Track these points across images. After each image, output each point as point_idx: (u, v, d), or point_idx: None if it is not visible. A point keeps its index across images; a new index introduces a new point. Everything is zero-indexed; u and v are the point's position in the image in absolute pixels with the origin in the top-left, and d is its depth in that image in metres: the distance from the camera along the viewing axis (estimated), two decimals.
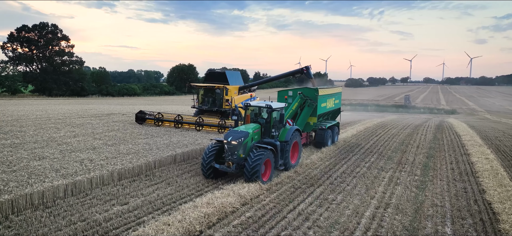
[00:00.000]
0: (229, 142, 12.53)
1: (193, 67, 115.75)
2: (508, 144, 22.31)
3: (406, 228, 9.57)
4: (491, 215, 10.58)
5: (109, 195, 11.13)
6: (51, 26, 76.33)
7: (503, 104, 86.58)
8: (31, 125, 21.23)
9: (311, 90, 19.43)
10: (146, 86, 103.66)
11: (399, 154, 18.88)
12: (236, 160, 12.58)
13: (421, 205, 11.29)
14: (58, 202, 10.34)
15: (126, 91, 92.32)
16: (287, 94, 19.58)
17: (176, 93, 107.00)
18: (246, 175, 12.18)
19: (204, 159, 12.95)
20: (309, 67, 24.01)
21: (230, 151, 12.61)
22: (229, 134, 12.84)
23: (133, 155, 14.65)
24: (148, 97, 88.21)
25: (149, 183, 12.50)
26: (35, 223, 8.93)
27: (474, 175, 14.88)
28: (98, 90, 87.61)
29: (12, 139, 16.80)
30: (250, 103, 14.81)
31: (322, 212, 10.55)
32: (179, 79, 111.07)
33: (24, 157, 13.54)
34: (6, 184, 10.36)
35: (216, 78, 25.76)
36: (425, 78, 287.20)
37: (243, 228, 9.27)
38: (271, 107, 13.98)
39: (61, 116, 26.18)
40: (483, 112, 65.56)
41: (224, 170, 12.75)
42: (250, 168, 12.06)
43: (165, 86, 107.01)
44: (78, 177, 11.36)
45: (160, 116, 23.88)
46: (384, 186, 13.29)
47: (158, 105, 48.89)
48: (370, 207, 11.01)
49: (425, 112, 65.99)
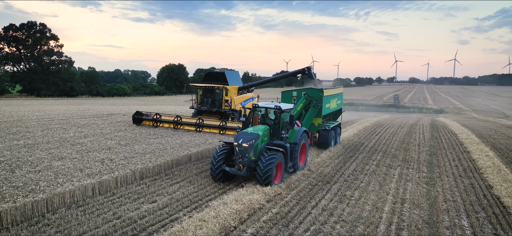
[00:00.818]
0: (240, 144, 12.21)
1: (183, 67, 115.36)
2: (503, 142, 23.24)
3: (426, 222, 10.10)
4: (502, 208, 11.21)
5: (135, 194, 11.37)
6: (40, 25, 75.12)
7: (488, 103, 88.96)
8: (36, 125, 21.14)
9: (316, 90, 19.50)
10: (136, 86, 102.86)
11: (402, 152, 19.53)
12: (247, 163, 12.28)
13: (435, 200, 11.85)
14: (88, 200, 10.54)
15: (116, 91, 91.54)
16: (292, 94, 19.59)
17: (166, 93, 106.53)
18: (258, 178, 11.95)
19: (214, 162, 12.62)
20: (311, 67, 24.20)
21: (241, 153, 12.29)
22: (240, 136, 12.54)
23: (150, 154, 14.86)
24: (139, 98, 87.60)
25: (171, 182, 12.77)
26: (73, 221, 9.12)
27: (478, 171, 15.59)
28: (88, 90, 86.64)
29: (23, 139, 16.78)
30: (259, 104, 14.53)
31: (344, 208, 11.01)
32: (169, 79, 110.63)
33: (44, 157, 13.62)
34: (37, 183, 10.50)
35: (215, 79, 25.40)
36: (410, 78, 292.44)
37: (273, 223, 9.66)
38: (280, 108, 13.74)
39: (62, 117, 26.04)
40: (469, 112, 67.36)
41: (234, 173, 12.42)
42: (262, 172, 11.85)
43: (155, 86, 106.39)
44: (104, 176, 11.56)
45: (158, 117, 23.18)
46: (396, 182, 13.86)
47: (150, 105, 48.75)
48: (387, 203, 11.53)
49: (415, 112, 67.42)
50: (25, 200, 9.21)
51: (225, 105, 24.19)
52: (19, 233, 8.29)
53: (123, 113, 30.62)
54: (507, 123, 41.84)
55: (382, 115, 47.66)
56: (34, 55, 74.15)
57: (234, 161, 12.62)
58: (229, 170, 12.48)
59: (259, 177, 11.91)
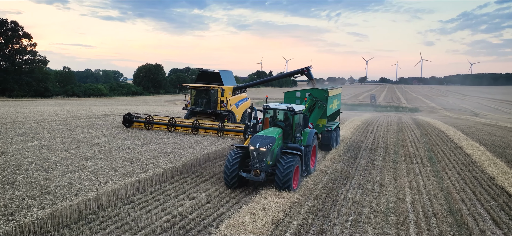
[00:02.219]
0: (258, 149, 11.60)
1: (160, 67, 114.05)
2: (486, 138, 24.99)
3: (448, 210, 11.09)
4: (508, 197, 12.40)
5: (172, 191, 11.74)
6: (11, 23, 72.23)
7: (456, 102, 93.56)
8: (38, 126, 20.80)
9: (320, 91, 19.45)
10: (113, 86, 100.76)
11: (401, 149, 20.74)
12: (265, 168, 11.73)
13: (449, 191, 12.92)
14: (131, 198, 10.83)
15: (93, 92, 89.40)
16: (295, 95, 19.54)
17: (144, 93, 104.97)
18: (278, 184, 11.48)
19: (228, 168, 11.98)
20: (309, 67, 24.22)
21: (258, 158, 11.71)
22: (256, 139, 11.89)
23: (173, 154, 15.17)
24: (117, 98, 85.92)
25: (200, 179, 13.20)
26: (126, 218, 9.43)
27: (476, 165, 16.92)
28: (63, 91, 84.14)
29: (37, 140, 16.64)
30: (270, 105, 14.00)
31: (371, 200, 11.86)
32: (147, 79, 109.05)
33: (69, 157, 13.67)
34: (80, 183, 10.68)
35: (209, 79, 24.80)
36: (381, 78, 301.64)
37: (314, 215, 10.35)
38: (294, 110, 13.37)
39: (56, 118, 25.60)
40: (442, 110, 70.68)
41: (251, 178, 11.73)
42: (282, 177, 11.39)
43: (132, 87, 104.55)
44: (141, 175, 11.85)
45: (150, 118, 21.76)
46: (407, 176, 14.89)
47: (132, 106, 48.05)
48: (407, 194, 12.47)
49: (392, 111, 70.02)
50: (81, 198, 9.42)
51: (221, 106, 23.70)
52: (82, 230, 8.54)
53: (118, 114, 30.36)
54: (480, 120, 44.46)
55: (364, 114, 49.35)
56: (5, 55, 71.22)
57: (250, 166, 12.08)
58: (246, 176, 11.81)
59: (278, 182, 11.46)
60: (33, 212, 8.43)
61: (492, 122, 40.54)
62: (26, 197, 9.35)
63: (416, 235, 9.28)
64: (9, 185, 10.24)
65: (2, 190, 9.80)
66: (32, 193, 9.61)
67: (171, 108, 43.94)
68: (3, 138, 16.91)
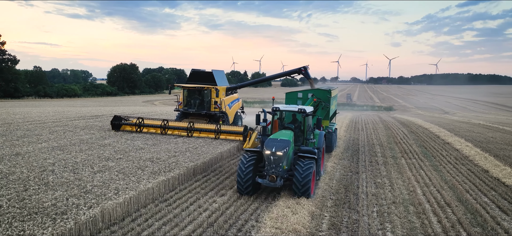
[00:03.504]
0: (274, 153, 11.03)
1: (135, 66, 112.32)
2: (468, 134, 26.67)
3: (457, 200, 12.08)
4: (505, 187, 13.58)
5: (200, 188, 12.14)
6: None
7: (426, 101, 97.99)
8: (35, 128, 20.40)
9: (323, 91, 19.28)
10: (87, 87, 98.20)
11: (395, 145, 21.91)
12: (281, 173, 11.16)
13: (451, 183, 14.00)
14: (165, 196, 11.13)
15: (66, 92, 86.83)
16: (297, 96, 19.22)
17: (119, 94, 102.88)
18: (296, 190, 10.97)
19: (242, 174, 11.33)
20: (307, 67, 24.20)
21: (275, 163, 11.12)
22: (270, 143, 11.31)
23: (189, 153, 15.48)
24: (92, 99, 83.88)
25: (222, 177, 13.63)
26: (169, 215, 9.76)
27: (468, 159, 18.24)
28: (34, 91, 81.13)
29: (45, 142, 16.47)
30: (280, 107, 13.61)
31: (386, 192, 12.70)
32: (121, 79, 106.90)
33: (89, 158, 13.72)
34: (114, 182, 10.89)
35: (202, 79, 24.00)
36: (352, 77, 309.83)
37: (341, 207, 11.06)
38: (306, 111, 13.03)
39: (47, 119, 25.04)
40: (414, 109, 73.89)
41: (268, 185, 11.14)
42: (301, 182, 10.90)
43: (107, 87, 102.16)
44: (169, 173, 12.14)
45: (140, 121, 20.73)
46: (410, 170, 15.90)
47: (110, 107, 47.11)
48: (416, 187, 13.42)
49: (368, 109, 72.43)
50: (124, 197, 9.65)
51: (214, 107, 23.06)
52: (131, 227, 8.80)
53: (107, 115, 29.99)
54: (453, 118, 47.08)
55: (344, 113, 50.91)
56: None
57: (264, 171, 11.39)
58: (262, 182, 11.20)
59: (298, 187, 10.93)
60: (83, 210, 8.61)
61: (464, 119, 43.03)
62: (68, 196, 9.48)
63: (437, 222, 10.17)
64: (44, 185, 10.29)
65: (41, 190, 9.86)
66: (73, 193, 9.74)
67: (151, 109, 43.63)
68: (7, 140, 16.58)
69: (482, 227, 9.82)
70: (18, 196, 9.33)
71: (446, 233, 9.46)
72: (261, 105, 64.89)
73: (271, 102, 78.57)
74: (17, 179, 10.76)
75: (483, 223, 10.10)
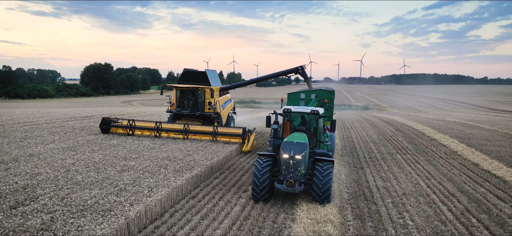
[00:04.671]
0: (293, 157, 10.70)
1: (110, 66, 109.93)
2: (450, 131, 28.37)
3: (459, 190, 13.16)
4: (497, 179, 14.82)
5: (222, 186, 12.64)
6: None
7: (398, 100, 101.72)
8: (32, 129, 20.07)
9: (326, 92, 18.83)
10: (60, 87, 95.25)
11: (387, 142, 23.09)
12: (299, 177, 10.78)
13: (449, 176, 15.13)
14: (193, 193, 11.55)
15: (38, 93, 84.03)
16: (299, 96, 18.91)
17: (93, 94, 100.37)
18: (316, 196, 10.62)
19: (258, 180, 10.79)
20: (304, 66, 24.09)
21: (294, 167, 10.74)
22: (288, 146, 10.92)
23: (202, 151, 15.88)
24: (67, 100, 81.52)
25: (238, 174, 14.15)
26: (204, 209, 10.22)
27: (457, 154, 19.56)
28: (4, 92, 77.98)
29: (55, 143, 16.39)
30: (291, 108, 13.22)
31: (394, 185, 13.62)
32: (96, 79, 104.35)
33: (106, 158, 13.87)
34: (143, 180, 11.19)
35: (194, 78, 23.18)
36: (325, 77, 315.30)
37: (358, 199, 11.85)
38: (319, 113, 12.73)
39: (40, 120, 24.54)
40: (389, 108, 76.65)
41: (285, 190, 10.76)
42: (322, 189, 10.56)
43: (81, 87, 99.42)
44: (194, 171, 12.55)
45: (131, 123, 20.04)
46: (409, 165, 16.96)
47: (91, 107, 46.44)
48: (419, 180, 14.44)
49: (346, 109, 74.51)
50: (161, 193, 10.00)
51: (209, 108, 22.49)
52: (172, 222, 9.18)
53: (97, 115, 29.62)
54: (429, 116, 49.41)
55: None
56: None
57: (281, 176, 10.98)
58: (280, 188, 10.83)
59: (317, 194, 10.59)
60: (126, 207, 8.90)
61: (440, 117, 45.35)
62: (105, 195, 9.71)
63: (448, 210, 11.13)
64: (76, 185, 10.46)
65: (76, 189, 10.04)
66: (109, 191, 9.98)
67: (132, 109, 43.33)
68: (11, 141, 16.34)
69: (488, 214, 10.85)
70: (57, 195, 9.48)
71: (458, 219, 10.41)
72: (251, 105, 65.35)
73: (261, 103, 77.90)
74: (46, 179, 10.84)
75: (487, 210, 11.14)
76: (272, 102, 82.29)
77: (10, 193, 9.40)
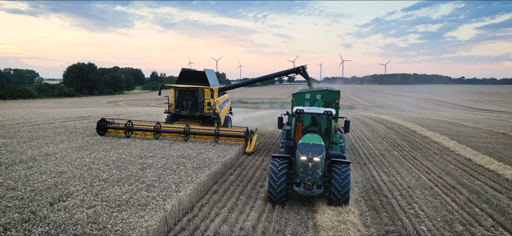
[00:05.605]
0: (311, 159, 10.56)
1: (94, 66, 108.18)
2: (439, 129, 29.70)
3: (458, 183, 14.11)
4: (490, 172, 15.88)
5: (240, 181, 13.19)
6: None
7: (382, 100, 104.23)
8: (36, 129, 20.06)
9: (332, 92, 18.70)
10: (43, 87, 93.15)
11: (383, 140, 24.08)
12: (317, 180, 10.66)
13: (447, 170, 16.10)
14: (223, 187, 12.25)
15: (20, 93, 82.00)
16: (304, 97, 18.83)
17: (76, 95, 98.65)
18: (335, 199, 10.48)
19: (275, 183, 10.57)
20: (305, 67, 23.98)
21: (312, 169, 10.61)
22: (305, 148, 10.79)
23: (215, 149, 16.37)
24: (51, 100, 79.99)
25: (251, 171, 14.73)
26: (228, 204, 10.77)
27: (449, 150, 20.66)
28: None
29: (61, 143, 16.56)
30: (304, 109, 13.02)
31: (397, 179, 14.47)
32: (79, 79, 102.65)
33: (122, 157, 14.19)
34: (168, 177, 11.65)
35: (193, 78, 22.72)
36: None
37: (370, 192, 12.61)
38: (332, 114, 12.64)
39: (36, 122, 24.44)
40: (374, 108, 78.59)
41: (303, 193, 10.60)
42: (341, 192, 10.43)
43: (64, 88, 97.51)
44: (212, 168, 13.07)
45: (129, 124, 19.36)
46: (407, 161, 17.90)
47: (79, 108, 45.71)
48: (420, 174, 15.34)
49: None
50: (189, 189, 10.50)
51: (208, 109, 22.04)
52: (203, 215, 9.68)
53: (93, 116, 29.60)
54: (414, 115, 51.08)
55: None
56: None
57: (297, 179, 10.82)
58: (299, 191, 10.63)
59: (336, 196, 10.47)
60: (160, 202, 9.33)
61: (425, 116, 47.03)
62: (136, 190, 10.12)
63: (452, 201, 11.99)
64: (104, 182, 10.83)
65: (106, 186, 10.40)
66: (139, 187, 10.39)
67: (119, 109, 43.16)
68: (20, 141, 16.40)
69: (488, 204, 11.76)
70: (90, 191, 9.82)
71: (463, 209, 11.28)
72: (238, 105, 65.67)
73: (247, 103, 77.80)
74: (73, 177, 11.13)
75: (487, 200, 12.06)
76: (259, 102, 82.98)
77: (44, 190, 9.68)
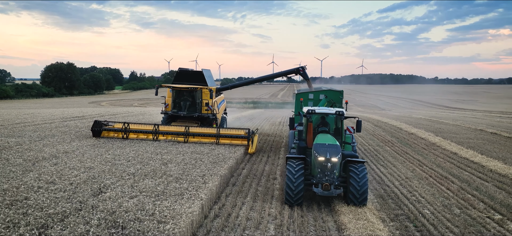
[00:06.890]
0: (329, 159, 10.56)
1: (73, 66, 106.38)
2: (422, 126, 31.45)
3: (449, 174, 15.53)
4: (475, 164, 17.42)
5: (254, 175, 14.07)
6: None
7: (361, 99, 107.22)
8: (42, 129, 20.30)
9: (335, 92, 18.63)
10: (20, 87, 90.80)
11: (373, 137, 25.50)
12: (335, 180, 10.70)
13: (437, 162, 17.55)
14: (231, 181, 12.99)
15: None
16: (308, 97, 18.85)
17: (55, 95, 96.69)
18: (354, 199, 10.50)
19: (293, 184, 10.47)
20: (305, 67, 24.00)
21: (330, 170, 10.63)
22: (322, 149, 10.78)
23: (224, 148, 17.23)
24: (30, 101, 78.24)
25: (261, 165, 15.66)
26: (250, 192, 11.67)
27: (436, 145, 22.23)
28: None
29: (72, 142, 17.05)
30: (315, 109, 13.03)
31: (396, 172, 15.75)
32: (58, 79, 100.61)
33: (139, 154, 14.85)
34: (191, 172, 12.44)
35: (190, 78, 22.40)
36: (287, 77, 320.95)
37: (374, 182, 13.82)
38: (343, 114, 12.72)
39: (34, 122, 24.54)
40: (355, 107, 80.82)
41: (321, 194, 10.62)
42: (360, 191, 10.45)
43: (42, 88, 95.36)
44: (229, 162, 14.02)
45: (126, 126, 18.70)
46: (400, 155, 19.28)
47: (63, 108, 45.02)
48: (414, 167, 16.71)
49: None
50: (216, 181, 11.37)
51: (206, 109, 21.77)
52: (232, 203, 10.58)
53: (88, 116, 29.77)
54: (394, 113, 53.26)
55: None
56: None
57: (314, 180, 10.89)
58: (317, 192, 10.66)
59: (355, 197, 10.48)
60: (193, 192, 10.16)
61: (406, 114, 49.16)
62: (168, 183, 10.92)
63: (447, 189, 13.34)
64: (133, 176, 11.54)
65: (137, 179, 11.14)
66: (168, 180, 11.20)
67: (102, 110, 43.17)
68: (31, 140, 16.76)
69: (479, 191, 13.18)
70: (126, 184, 10.54)
71: (457, 195, 12.63)
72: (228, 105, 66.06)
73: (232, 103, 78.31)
74: (102, 171, 11.79)
75: (477, 188, 13.48)
76: (245, 102, 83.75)
77: (82, 183, 10.33)
